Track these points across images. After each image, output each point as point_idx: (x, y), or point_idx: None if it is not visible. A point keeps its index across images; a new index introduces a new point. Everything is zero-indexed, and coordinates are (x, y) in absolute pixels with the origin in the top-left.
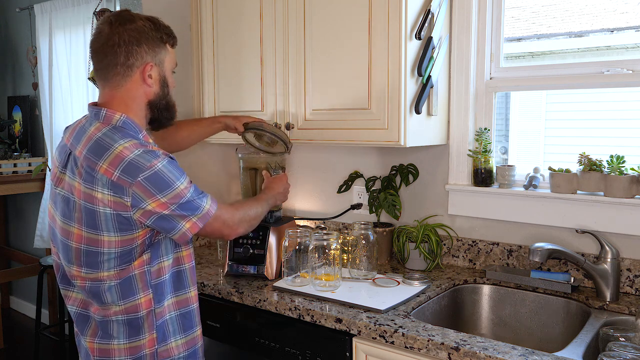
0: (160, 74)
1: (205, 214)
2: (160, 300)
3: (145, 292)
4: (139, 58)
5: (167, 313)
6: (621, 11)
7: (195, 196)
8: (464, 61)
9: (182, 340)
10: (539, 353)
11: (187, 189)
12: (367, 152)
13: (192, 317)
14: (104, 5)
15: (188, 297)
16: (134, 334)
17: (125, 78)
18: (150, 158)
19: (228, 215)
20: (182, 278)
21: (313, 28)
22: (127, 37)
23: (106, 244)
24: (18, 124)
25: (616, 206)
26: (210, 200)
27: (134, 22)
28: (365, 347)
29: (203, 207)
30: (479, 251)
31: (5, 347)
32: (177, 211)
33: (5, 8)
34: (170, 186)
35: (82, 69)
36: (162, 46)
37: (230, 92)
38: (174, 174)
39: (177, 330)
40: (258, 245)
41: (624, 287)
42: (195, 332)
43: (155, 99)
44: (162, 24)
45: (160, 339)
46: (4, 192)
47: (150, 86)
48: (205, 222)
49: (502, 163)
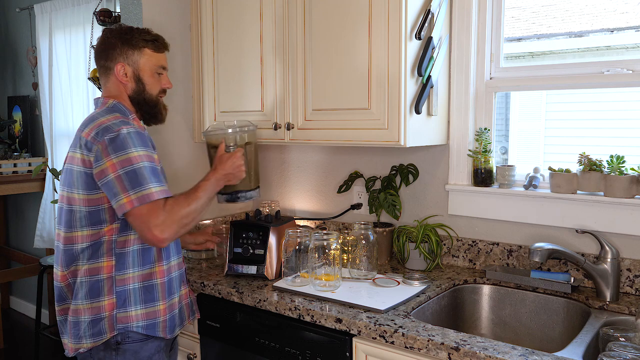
0: (135, 72)
1: (143, 196)
2: (121, 269)
3: (109, 258)
4: (113, 59)
5: (131, 283)
6: (621, 11)
7: (147, 173)
8: (464, 61)
9: (141, 310)
10: (539, 353)
11: (141, 158)
12: (367, 152)
13: (154, 291)
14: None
15: (153, 272)
16: (94, 295)
17: (109, 76)
18: (121, 124)
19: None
20: (149, 254)
21: (313, 28)
22: (108, 43)
23: (77, 202)
24: (18, 124)
25: (616, 206)
26: (160, 187)
27: (118, 32)
28: (365, 347)
29: (148, 187)
30: (479, 251)
31: (5, 347)
32: (123, 178)
33: (5, 8)
34: (125, 149)
35: (82, 69)
36: (138, 50)
37: (230, 92)
38: (134, 141)
39: (138, 301)
40: (258, 245)
41: (624, 287)
42: (157, 305)
43: (133, 94)
44: (144, 31)
45: (120, 305)
46: (4, 192)
47: (125, 83)
48: (142, 203)
49: (502, 163)
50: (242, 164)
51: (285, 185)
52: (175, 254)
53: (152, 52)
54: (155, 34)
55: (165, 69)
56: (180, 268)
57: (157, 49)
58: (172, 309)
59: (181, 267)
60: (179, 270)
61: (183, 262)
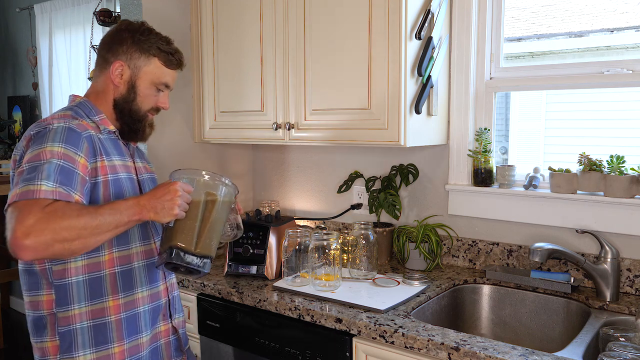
0: (132, 78)
1: (27, 192)
2: (63, 305)
3: (48, 291)
4: (114, 54)
5: (77, 322)
6: (621, 11)
7: (48, 170)
8: (464, 61)
9: (91, 355)
10: (539, 353)
11: (52, 154)
12: (367, 152)
13: (107, 330)
14: (104, 5)
15: (105, 308)
16: (39, 333)
17: (102, 70)
18: (54, 120)
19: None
20: (99, 285)
21: (313, 28)
22: (118, 36)
23: None
24: (18, 124)
25: (616, 206)
26: (54, 187)
27: (134, 29)
28: (365, 347)
29: (37, 183)
30: (479, 251)
31: (5, 347)
32: (24, 172)
33: (5, 8)
34: (41, 144)
35: (82, 69)
36: (146, 56)
37: (230, 92)
38: (57, 136)
39: (87, 343)
40: (258, 245)
41: (624, 287)
42: (110, 348)
43: (120, 99)
44: (163, 39)
45: (64, 349)
46: (4, 192)
47: (117, 85)
48: (21, 199)
49: (502, 163)
50: (177, 195)
51: (285, 185)
52: (144, 284)
53: (160, 65)
54: (175, 47)
55: (168, 87)
56: (154, 300)
57: (168, 64)
58: (137, 351)
59: (157, 298)
60: (152, 304)
61: (165, 293)
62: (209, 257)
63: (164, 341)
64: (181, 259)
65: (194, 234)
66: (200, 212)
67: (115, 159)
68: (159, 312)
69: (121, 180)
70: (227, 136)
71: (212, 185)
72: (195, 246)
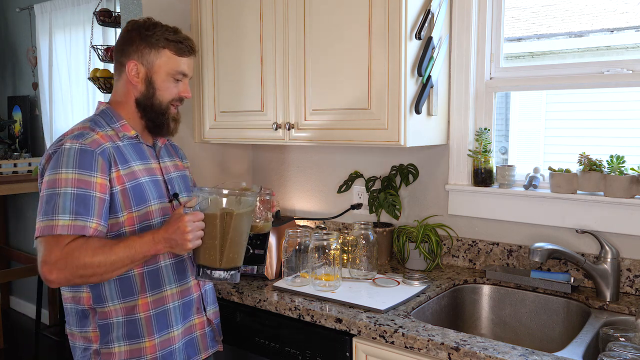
0: (148, 74)
1: (47, 227)
2: (99, 302)
3: (86, 289)
4: (127, 56)
5: (114, 317)
6: (621, 11)
7: (64, 201)
8: (464, 61)
9: (125, 347)
10: (539, 353)
11: (66, 183)
12: (367, 152)
13: (138, 326)
14: (104, 5)
15: (135, 305)
16: (82, 323)
17: (120, 74)
18: (68, 138)
19: (53, 251)
20: (129, 284)
21: (313, 28)
22: (127, 38)
23: None
24: (18, 124)
25: (616, 206)
26: (70, 221)
27: (140, 27)
28: (365, 347)
29: (54, 218)
30: (479, 251)
31: (5, 347)
32: (43, 200)
33: (5, 8)
34: (56, 169)
35: (82, 69)
36: (156, 50)
37: (230, 92)
38: (70, 160)
39: (121, 337)
40: (258, 245)
41: (624, 287)
42: (142, 342)
43: (141, 98)
44: (169, 30)
45: (103, 340)
46: (4, 192)
47: (135, 84)
48: (41, 234)
49: (502, 163)
50: (187, 231)
51: (285, 185)
52: (173, 281)
53: (172, 55)
54: (183, 35)
55: (185, 76)
56: (185, 296)
57: (180, 52)
58: (169, 344)
59: (188, 294)
60: (182, 299)
61: (197, 288)
62: (235, 268)
63: (199, 333)
64: (208, 276)
65: (217, 252)
66: (219, 230)
67: (135, 164)
68: (191, 306)
69: (142, 185)
70: (227, 136)
71: (226, 201)
72: (220, 262)
